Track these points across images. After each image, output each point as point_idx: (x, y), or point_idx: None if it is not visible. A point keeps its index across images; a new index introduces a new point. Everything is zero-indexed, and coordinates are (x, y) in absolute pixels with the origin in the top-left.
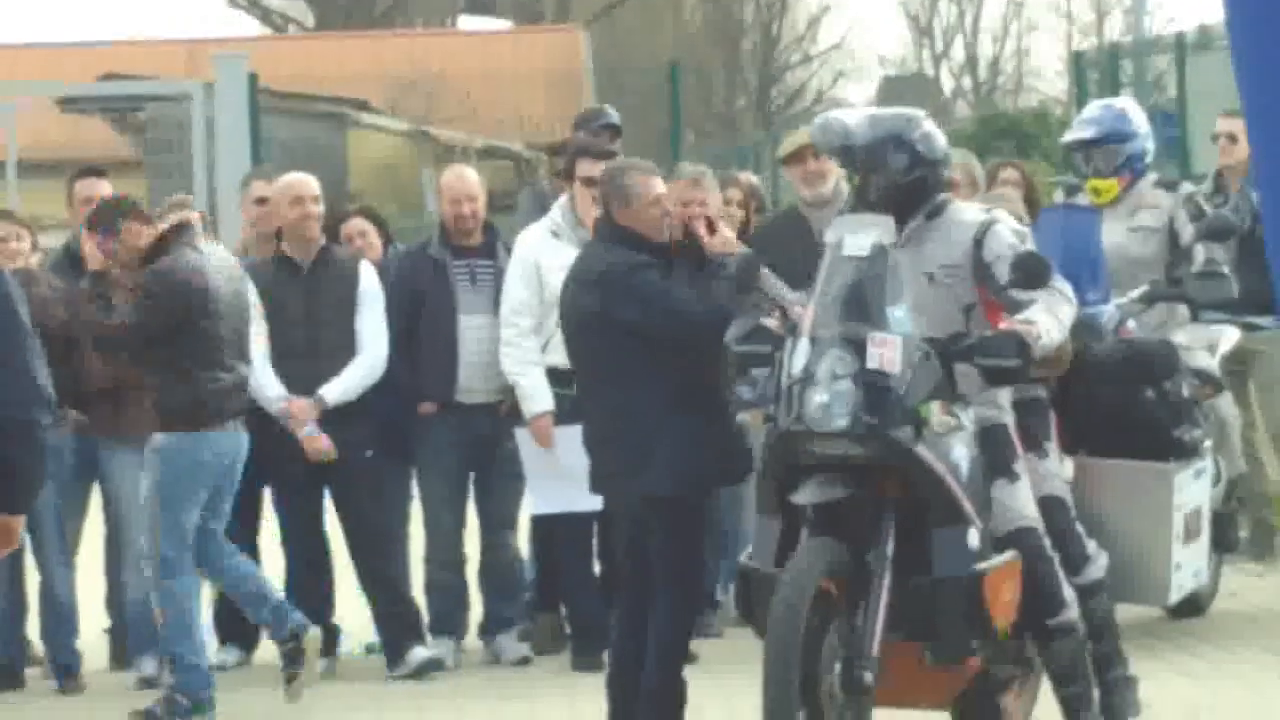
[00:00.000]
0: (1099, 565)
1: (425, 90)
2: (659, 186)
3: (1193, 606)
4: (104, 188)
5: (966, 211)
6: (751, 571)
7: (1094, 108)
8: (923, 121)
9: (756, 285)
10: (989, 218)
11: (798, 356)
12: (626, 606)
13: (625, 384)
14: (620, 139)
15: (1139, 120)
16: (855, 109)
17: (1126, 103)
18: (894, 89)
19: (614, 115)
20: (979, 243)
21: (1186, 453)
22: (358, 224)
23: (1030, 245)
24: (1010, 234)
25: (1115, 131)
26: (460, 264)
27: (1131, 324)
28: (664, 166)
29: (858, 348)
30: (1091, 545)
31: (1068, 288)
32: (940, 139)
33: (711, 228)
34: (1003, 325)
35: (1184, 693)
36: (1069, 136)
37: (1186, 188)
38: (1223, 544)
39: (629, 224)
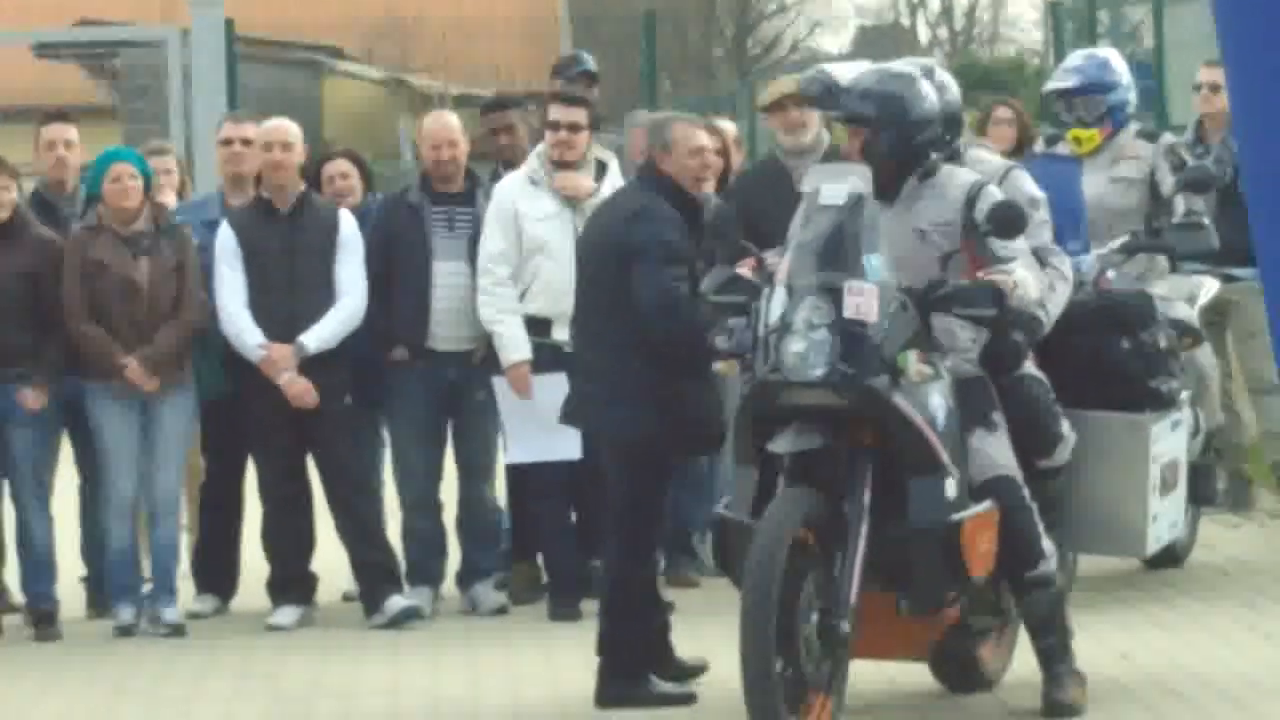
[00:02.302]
0: (1051, 559)
1: (401, 38)
2: (701, 139)
3: (1170, 558)
4: (71, 133)
5: (959, 172)
6: (728, 521)
7: (1076, 57)
8: (922, 82)
9: (731, 235)
10: (982, 179)
11: (774, 305)
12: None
13: (613, 323)
14: (597, 86)
15: (1121, 70)
16: (852, 64)
17: (1109, 52)
18: (870, 39)
19: (590, 62)
20: (971, 201)
21: (1163, 404)
22: (340, 165)
23: (1043, 211)
24: (1000, 195)
25: (1098, 81)
26: (439, 210)
27: (1111, 274)
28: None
29: (834, 296)
30: (1046, 541)
31: (1066, 265)
32: (933, 99)
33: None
34: (980, 274)
35: (1160, 643)
36: (1051, 85)
37: (1168, 138)
38: (1201, 496)
39: (669, 171)
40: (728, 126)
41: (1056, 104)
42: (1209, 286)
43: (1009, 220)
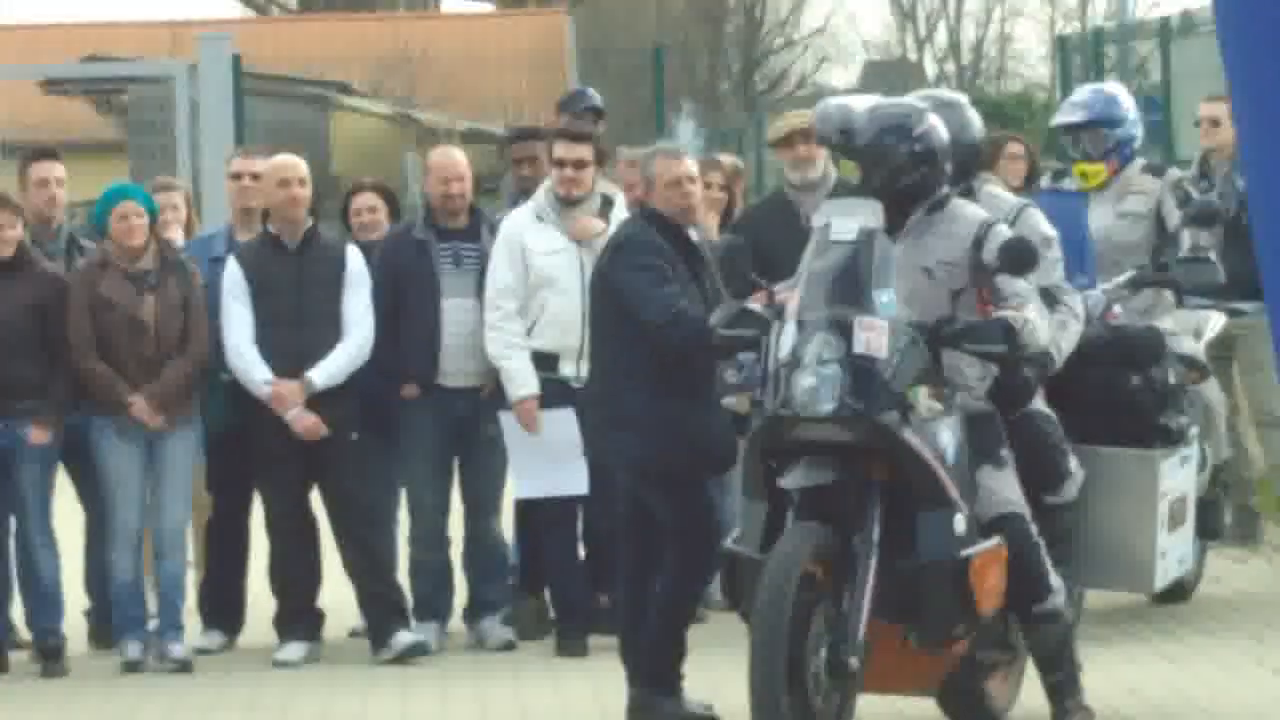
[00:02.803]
0: (1059, 594)
1: (408, 72)
2: (680, 169)
3: (1177, 592)
4: (59, 170)
5: (968, 208)
6: (737, 556)
7: (1083, 91)
8: (926, 115)
9: (742, 268)
10: (990, 218)
11: (784, 340)
12: (629, 568)
13: (615, 351)
14: (603, 121)
15: (1128, 105)
16: (856, 98)
17: (1116, 87)
18: (877, 73)
19: (596, 98)
20: (979, 242)
21: (1172, 439)
22: (368, 199)
23: (1055, 250)
24: (1009, 233)
25: (1105, 116)
26: (445, 246)
27: (1118, 309)
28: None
29: (845, 331)
30: (1054, 576)
31: (1078, 303)
32: (943, 133)
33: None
34: (992, 312)
35: (1167, 677)
36: (1058, 119)
37: (1174, 173)
38: (1208, 530)
39: (657, 205)
40: (727, 159)
41: (1063, 138)
42: (1215, 321)
43: (1020, 257)
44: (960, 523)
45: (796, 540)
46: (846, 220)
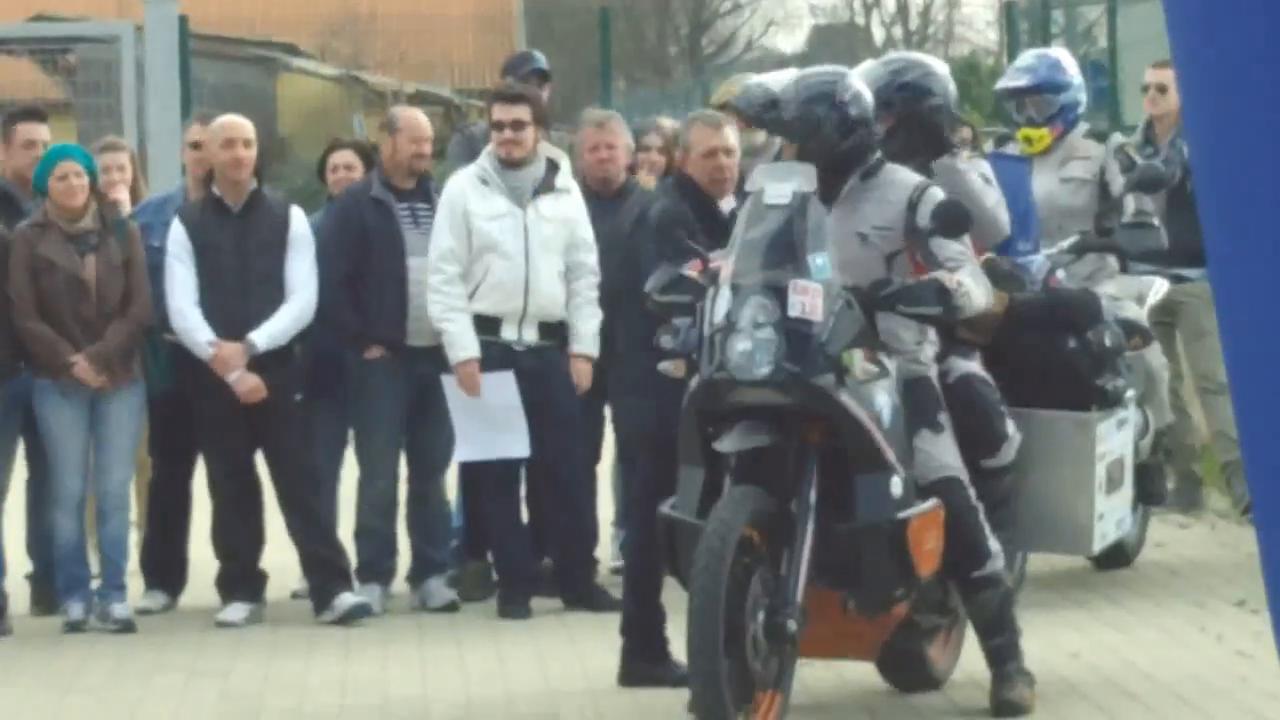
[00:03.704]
0: (998, 559)
1: (356, 35)
2: (716, 140)
3: (1119, 558)
4: (43, 132)
5: (901, 173)
6: (675, 521)
7: (1028, 56)
8: (851, 80)
9: (677, 235)
10: (924, 181)
11: (719, 305)
12: (644, 537)
13: (631, 316)
14: (549, 84)
15: (1073, 71)
16: (778, 73)
17: (1061, 53)
18: (825, 38)
19: (542, 60)
20: (913, 206)
21: (1109, 402)
22: (346, 155)
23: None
24: (942, 195)
25: (1049, 81)
26: (403, 206)
27: (1061, 274)
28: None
29: (780, 295)
30: (993, 541)
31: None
32: (868, 96)
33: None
34: (927, 274)
35: (1110, 643)
36: (1003, 84)
37: (1117, 139)
38: (1150, 496)
39: (690, 172)
40: (668, 123)
41: (1007, 103)
42: (1158, 287)
43: (953, 219)
44: (897, 485)
45: (734, 505)
46: (780, 185)
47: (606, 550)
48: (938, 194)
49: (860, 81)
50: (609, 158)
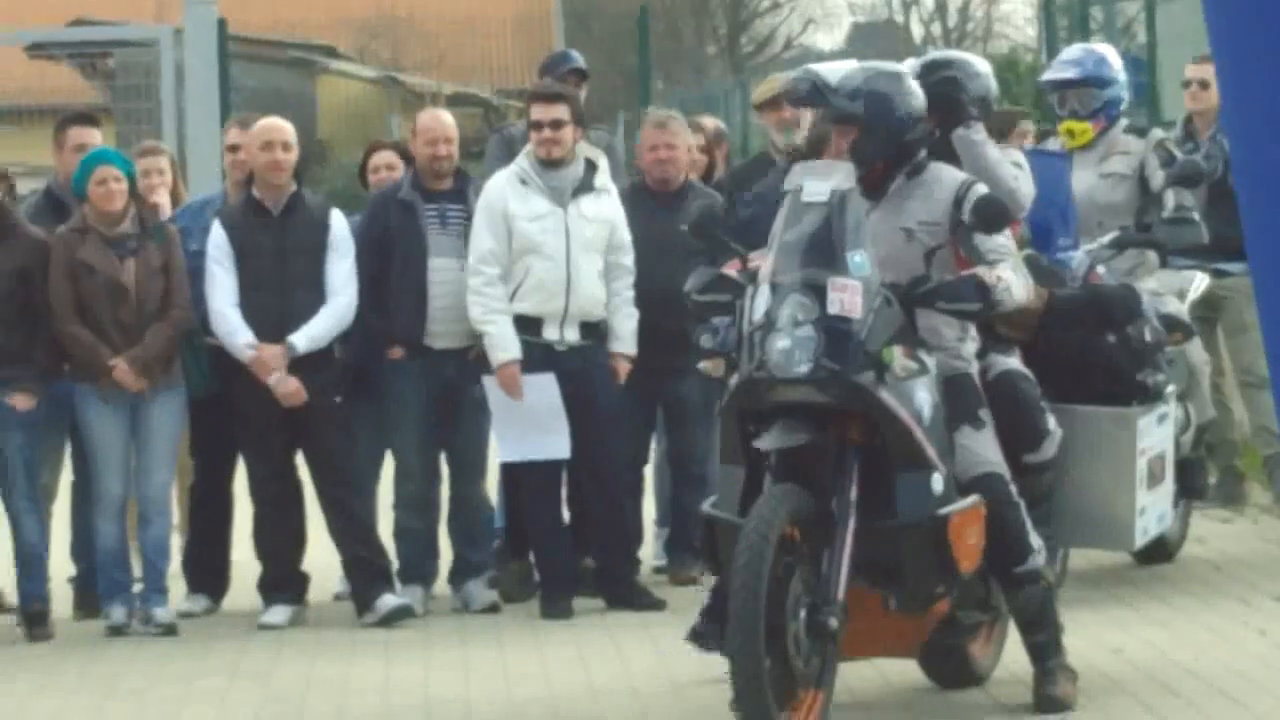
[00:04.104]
0: (1039, 555)
1: (394, 36)
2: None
3: (1161, 553)
4: (95, 136)
5: (947, 170)
6: (715, 520)
7: (1075, 50)
8: (909, 80)
9: (715, 234)
10: (970, 178)
11: (758, 303)
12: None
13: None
14: (586, 84)
15: (1118, 66)
16: (832, 64)
17: (1106, 48)
18: (864, 36)
19: (579, 59)
20: (959, 202)
21: (1149, 397)
22: (387, 156)
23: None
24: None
25: (1096, 75)
26: (431, 207)
27: (1101, 270)
28: (632, 111)
29: (818, 293)
30: (1034, 536)
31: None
32: (921, 97)
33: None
34: (965, 271)
35: (1152, 638)
36: (1048, 76)
37: (1157, 134)
38: (1192, 490)
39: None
40: (710, 122)
41: (1050, 96)
42: (1199, 282)
43: (991, 214)
44: (938, 482)
45: (774, 503)
46: (818, 182)
47: (649, 550)
48: (982, 189)
49: (915, 82)
50: (669, 158)
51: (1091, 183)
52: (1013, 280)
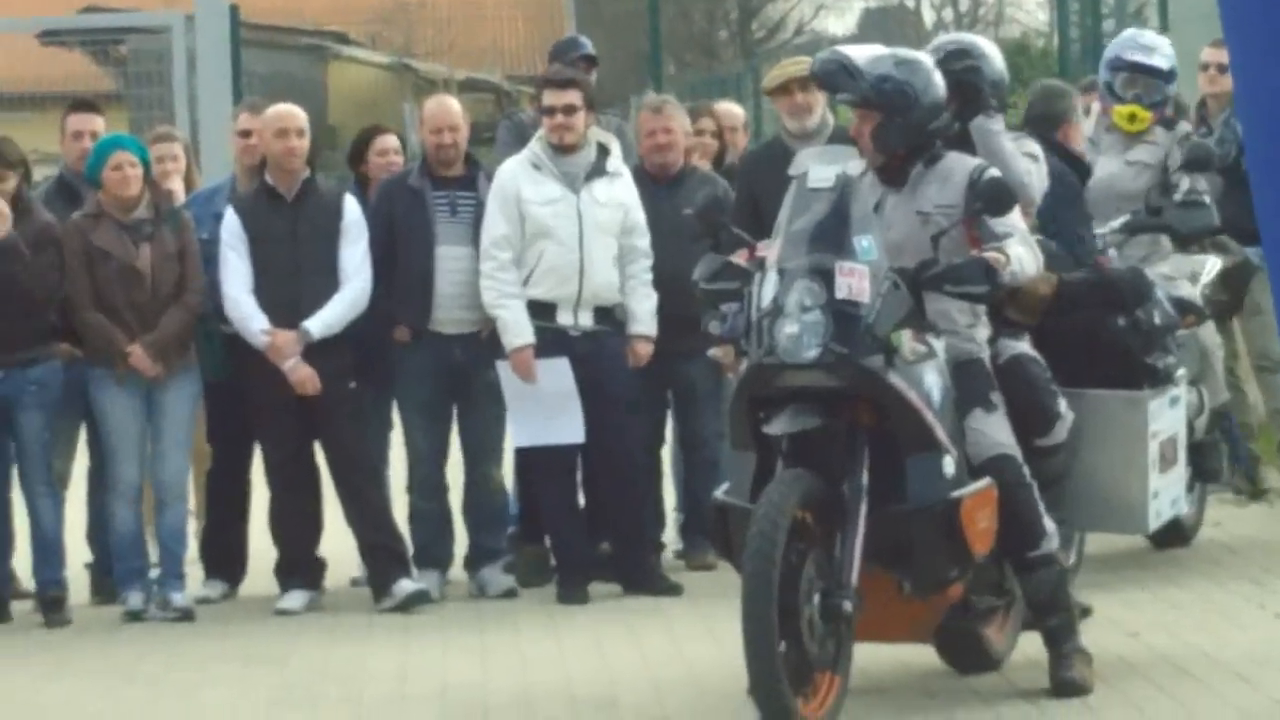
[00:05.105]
0: (1053, 538)
1: (406, 22)
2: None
3: (1177, 537)
4: (97, 123)
5: (964, 159)
6: (727, 506)
7: (1156, 38)
8: (934, 70)
9: (721, 222)
10: (985, 163)
11: (766, 289)
12: None
13: None
14: (596, 69)
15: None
16: (858, 47)
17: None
18: (875, 21)
19: (588, 45)
20: (974, 184)
21: (1160, 380)
22: (391, 139)
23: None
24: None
25: (1172, 70)
26: (440, 195)
27: (1112, 254)
28: (643, 96)
29: (826, 278)
30: (1047, 520)
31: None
32: (943, 86)
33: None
34: (972, 253)
35: (1169, 621)
36: (1131, 56)
37: (1184, 127)
38: (1206, 474)
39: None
40: (731, 109)
41: (1119, 74)
42: (1211, 265)
43: (998, 196)
44: (949, 465)
45: (785, 488)
46: (824, 167)
47: (671, 534)
48: (994, 172)
49: (938, 72)
50: (666, 143)
51: (1115, 169)
52: (1023, 254)
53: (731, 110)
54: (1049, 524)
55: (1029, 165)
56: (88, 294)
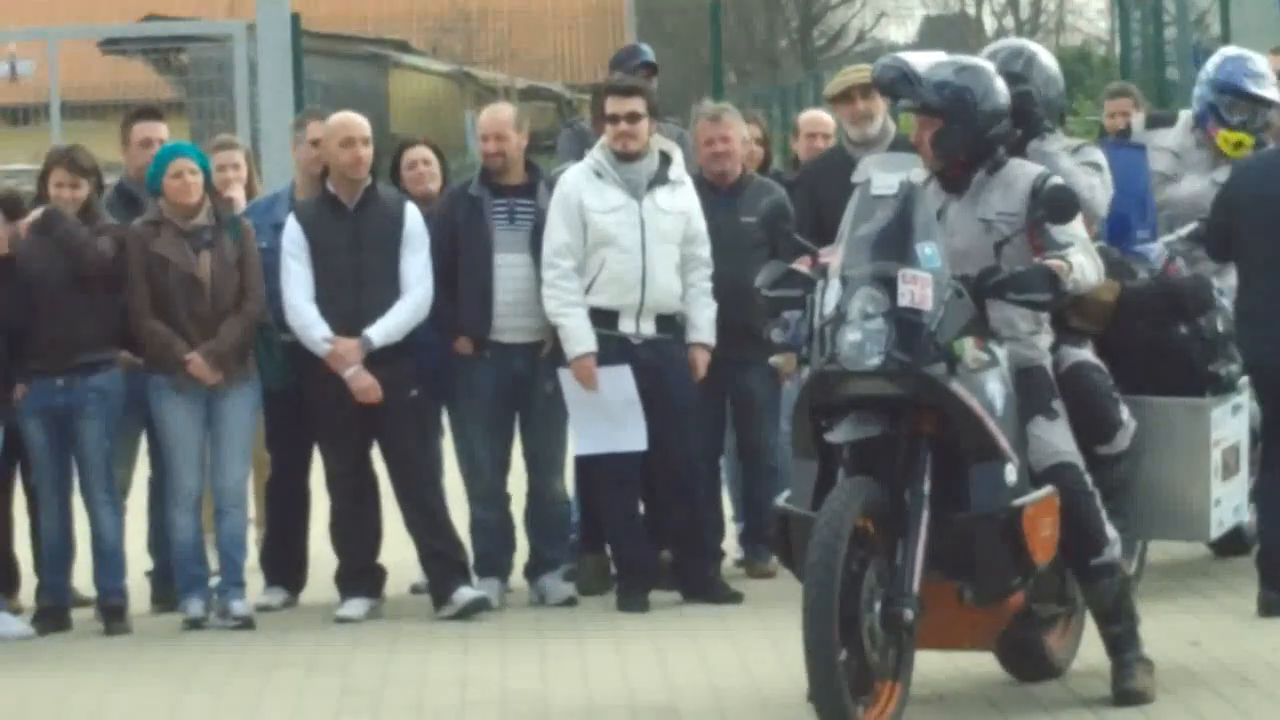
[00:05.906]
0: (1115, 546)
1: (467, 31)
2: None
3: (1239, 545)
4: (161, 130)
5: (1027, 166)
6: (789, 514)
7: (1262, 64)
8: (995, 77)
9: (785, 230)
10: (1048, 171)
11: (829, 297)
12: None
13: None
14: (656, 77)
15: None
16: (917, 54)
17: None
18: (936, 29)
19: (649, 53)
20: (1036, 193)
21: (1222, 388)
22: (423, 151)
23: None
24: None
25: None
26: (500, 203)
27: (1180, 262)
28: (700, 106)
29: (889, 286)
30: (1110, 528)
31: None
32: (1005, 94)
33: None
34: (1035, 261)
35: (1231, 630)
36: (1248, 87)
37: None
38: None
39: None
40: (820, 116)
41: (1221, 97)
42: None
43: (1059, 204)
44: (1011, 473)
45: (847, 496)
46: (887, 175)
47: (730, 542)
48: (1058, 181)
49: (1001, 80)
50: (725, 151)
51: (1200, 188)
52: (1085, 263)
53: (820, 118)
54: (1111, 532)
55: (1092, 179)
56: (147, 302)
